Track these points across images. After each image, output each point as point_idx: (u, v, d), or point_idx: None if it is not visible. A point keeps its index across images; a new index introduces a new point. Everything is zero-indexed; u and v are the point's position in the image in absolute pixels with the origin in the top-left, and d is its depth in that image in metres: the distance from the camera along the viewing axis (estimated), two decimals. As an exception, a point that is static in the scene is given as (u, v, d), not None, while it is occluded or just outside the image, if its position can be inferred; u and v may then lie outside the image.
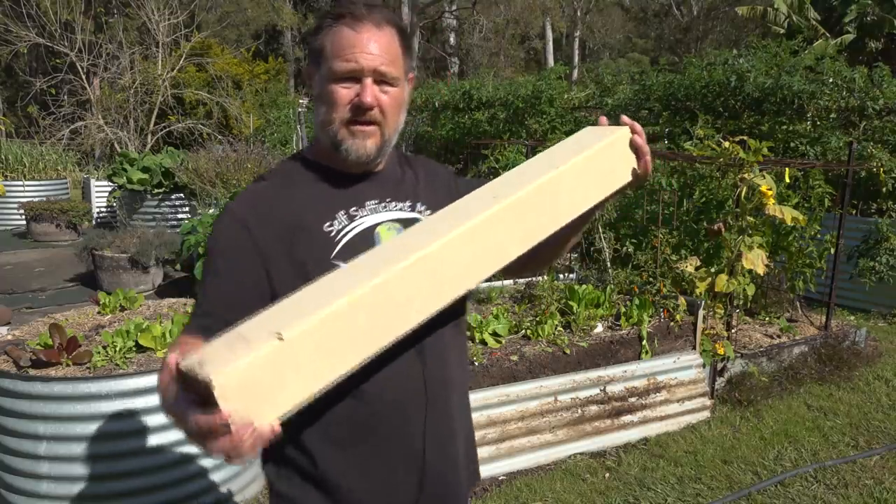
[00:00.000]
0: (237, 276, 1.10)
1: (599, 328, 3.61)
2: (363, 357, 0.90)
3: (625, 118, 1.23)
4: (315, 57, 1.16)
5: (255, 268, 1.10)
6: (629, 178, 1.24)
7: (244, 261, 1.10)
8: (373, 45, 1.11)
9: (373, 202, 1.20)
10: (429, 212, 1.23)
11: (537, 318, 3.55)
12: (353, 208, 1.17)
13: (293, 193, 1.17)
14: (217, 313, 1.06)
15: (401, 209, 1.22)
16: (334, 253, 1.12)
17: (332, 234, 1.14)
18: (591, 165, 1.16)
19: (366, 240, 1.14)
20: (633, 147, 1.22)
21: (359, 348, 0.90)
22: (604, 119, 1.27)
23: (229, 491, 2.72)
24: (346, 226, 1.15)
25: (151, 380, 2.44)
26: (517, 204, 1.05)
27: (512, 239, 1.06)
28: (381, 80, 1.12)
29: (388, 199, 1.21)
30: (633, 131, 1.22)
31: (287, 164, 1.25)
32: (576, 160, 1.14)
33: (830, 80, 6.99)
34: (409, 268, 0.93)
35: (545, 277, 3.99)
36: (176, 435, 2.49)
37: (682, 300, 3.79)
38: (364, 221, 1.17)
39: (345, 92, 1.11)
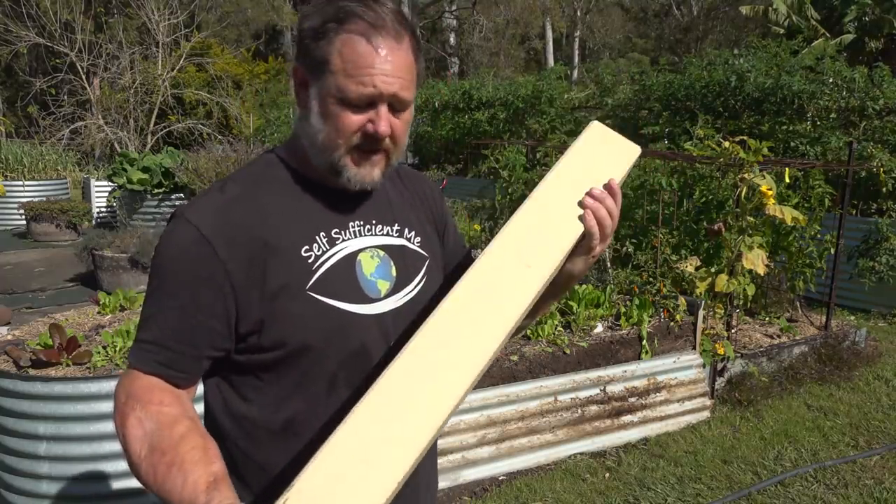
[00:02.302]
0: (201, 309, 0.96)
1: (599, 328, 3.61)
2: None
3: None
4: (315, 65, 0.98)
5: (223, 302, 0.97)
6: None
7: (210, 293, 0.96)
8: (392, 66, 0.96)
9: (356, 223, 1.08)
10: (418, 239, 1.15)
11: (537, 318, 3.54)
12: (335, 230, 1.05)
13: (268, 206, 1.02)
14: (175, 347, 0.97)
15: (387, 233, 1.11)
16: (310, 283, 1.00)
17: (311, 260, 1.01)
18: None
19: (347, 268, 1.04)
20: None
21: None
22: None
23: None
24: (325, 251, 1.03)
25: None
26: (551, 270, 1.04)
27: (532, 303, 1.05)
28: (396, 103, 0.99)
29: (373, 221, 1.10)
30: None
31: (259, 166, 1.09)
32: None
33: (830, 80, 6.99)
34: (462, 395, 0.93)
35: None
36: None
37: (682, 300, 3.79)
38: (346, 246, 1.05)
39: (356, 119, 0.97)
